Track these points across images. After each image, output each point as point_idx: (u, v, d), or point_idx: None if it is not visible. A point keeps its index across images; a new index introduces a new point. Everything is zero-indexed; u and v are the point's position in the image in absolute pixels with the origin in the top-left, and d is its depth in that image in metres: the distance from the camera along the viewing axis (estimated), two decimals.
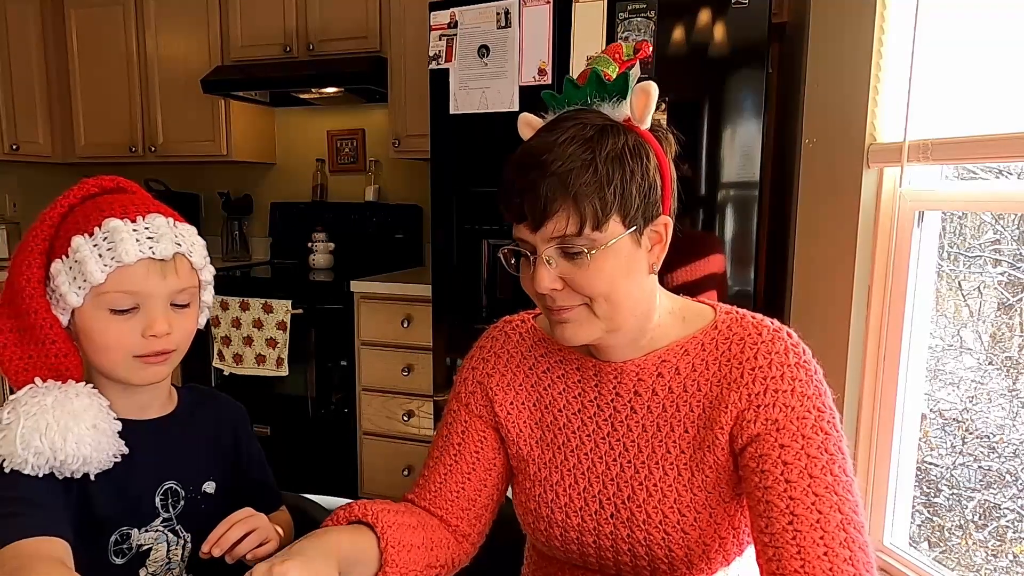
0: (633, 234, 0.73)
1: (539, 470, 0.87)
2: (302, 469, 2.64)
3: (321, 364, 2.57)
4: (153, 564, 0.85)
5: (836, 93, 1.62)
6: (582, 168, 0.69)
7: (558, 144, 0.71)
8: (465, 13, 1.96)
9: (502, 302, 2.07)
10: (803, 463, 0.72)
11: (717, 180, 1.77)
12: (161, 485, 0.86)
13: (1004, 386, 1.53)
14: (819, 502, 0.70)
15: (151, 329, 0.79)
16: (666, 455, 0.80)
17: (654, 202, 0.74)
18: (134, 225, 0.78)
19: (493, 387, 0.90)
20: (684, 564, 0.80)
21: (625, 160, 0.71)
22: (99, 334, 0.79)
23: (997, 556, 1.53)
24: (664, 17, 1.76)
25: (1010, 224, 1.51)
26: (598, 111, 0.75)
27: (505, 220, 0.76)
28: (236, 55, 2.82)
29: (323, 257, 2.91)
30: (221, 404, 0.98)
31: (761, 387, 0.75)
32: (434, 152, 2.10)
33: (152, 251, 0.78)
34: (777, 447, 0.73)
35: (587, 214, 0.70)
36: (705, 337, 0.81)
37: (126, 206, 0.79)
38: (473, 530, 0.91)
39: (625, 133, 0.73)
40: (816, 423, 0.73)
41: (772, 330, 0.79)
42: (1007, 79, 1.33)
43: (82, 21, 3.04)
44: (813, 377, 0.76)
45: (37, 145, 3.09)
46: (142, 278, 0.78)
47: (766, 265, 2.06)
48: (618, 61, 0.75)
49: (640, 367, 0.81)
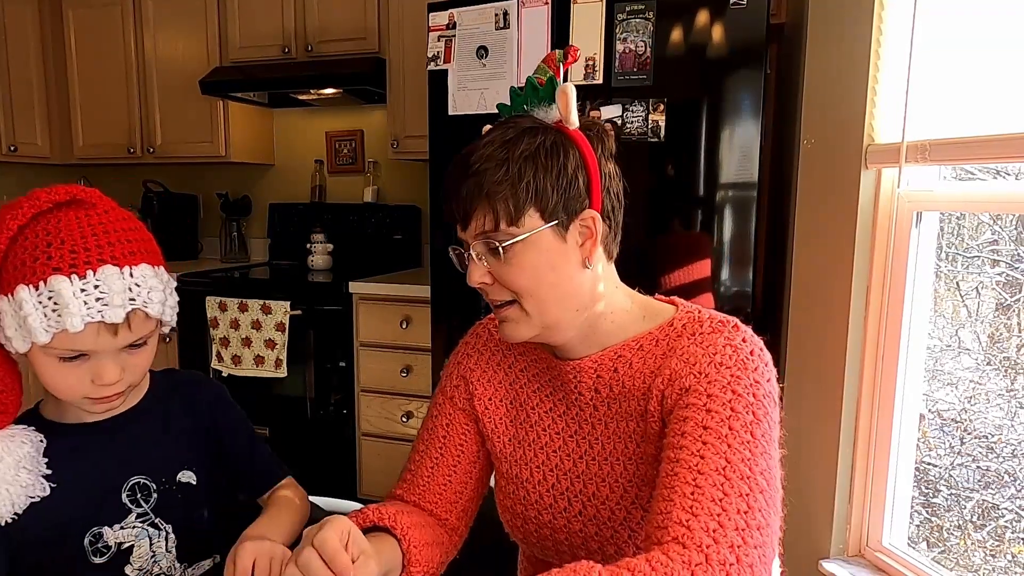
0: (555, 228, 0.75)
1: (511, 467, 0.88)
2: (301, 470, 2.61)
3: (320, 365, 2.57)
4: (138, 560, 0.84)
5: (834, 94, 1.62)
6: (496, 167, 0.73)
7: (480, 147, 0.76)
8: (464, 14, 1.96)
9: None
10: (700, 417, 0.70)
11: (715, 181, 1.77)
12: (127, 481, 0.84)
13: (1002, 386, 1.53)
14: (704, 449, 0.67)
15: (100, 379, 0.75)
16: (624, 450, 0.81)
17: (575, 196, 0.75)
18: (82, 283, 0.71)
19: (475, 382, 0.92)
20: None
21: (538, 157, 0.74)
22: (48, 377, 0.76)
23: (996, 556, 1.53)
24: (662, 18, 1.76)
25: (1008, 225, 1.51)
26: (530, 115, 0.79)
27: (444, 220, 0.80)
28: (235, 56, 2.82)
29: (322, 258, 2.91)
30: (196, 389, 0.95)
31: (680, 364, 0.75)
32: (433, 153, 2.09)
33: (101, 315, 0.71)
34: (684, 408, 0.72)
35: (500, 211, 0.74)
36: (660, 333, 0.81)
37: (76, 250, 0.71)
38: (461, 523, 0.92)
39: (546, 133, 0.76)
40: (729, 385, 0.71)
41: (718, 321, 0.79)
42: (1005, 80, 1.33)
43: (80, 22, 3.04)
44: (739, 353, 0.74)
45: (35, 146, 3.08)
46: (91, 339, 0.73)
47: (764, 266, 2.06)
48: (553, 68, 0.79)
49: (597, 363, 0.82)
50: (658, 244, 1.82)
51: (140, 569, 0.85)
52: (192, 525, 0.89)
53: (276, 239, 3.19)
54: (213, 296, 2.56)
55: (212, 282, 2.66)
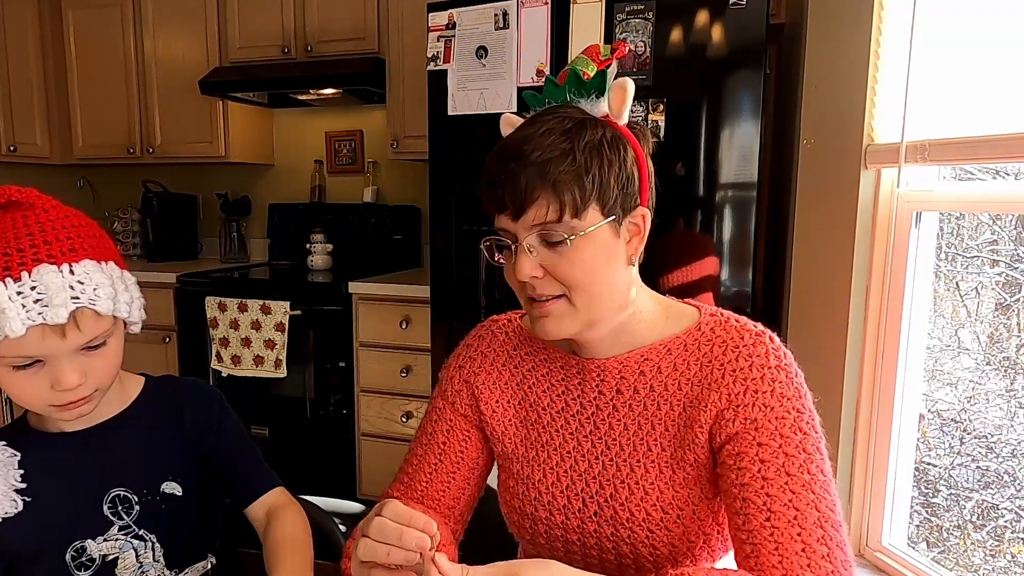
0: (612, 223, 0.74)
1: (522, 468, 0.87)
2: (301, 470, 2.64)
3: (319, 365, 2.56)
4: (124, 571, 0.82)
5: (834, 94, 1.62)
6: (561, 157, 0.71)
7: (537, 135, 0.73)
8: (463, 14, 1.96)
9: (501, 303, 2.07)
10: (780, 461, 0.72)
11: (715, 181, 1.77)
12: (107, 493, 0.82)
13: (1002, 386, 1.53)
14: (796, 499, 0.70)
15: (60, 385, 0.72)
16: (648, 453, 0.80)
17: (632, 193, 0.76)
18: (18, 286, 0.67)
19: (479, 386, 0.90)
20: (669, 562, 0.80)
21: (603, 150, 0.73)
22: (8, 388, 0.73)
23: (995, 556, 1.53)
24: (662, 18, 1.76)
25: (1007, 224, 1.51)
26: (577, 107, 0.77)
27: (486, 211, 0.77)
28: (234, 56, 2.82)
29: (321, 258, 2.91)
30: (188, 396, 0.92)
31: (741, 387, 0.76)
32: (432, 153, 2.10)
33: (43, 316, 0.68)
34: (755, 445, 0.73)
35: (566, 201, 0.71)
36: (688, 337, 0.81)
37: (9, 251, 0.68)
38: (458, 527, 0.92)
39: (602, 127, 0.75)
40: (795, 423, 0.74)
41: (755, 333, 0.80)
42: (1004, 80, 1.33)
43: (80, 22, 3.04)
44: (793, 380, 0.77)
45: (35, 147, 3.08)
46: (37, 343, 0.69)
47: (764, 266, 2.06)
48: (596, 61, 0.77)
49: (623, 364, 0.82)
50: (658, 244, 1.82)
51: None
52: (179, 534, 0.86)
53: (276, 239, 3.19)
54: (212, 296, 2.56)
55: (212, 282, 2.66)
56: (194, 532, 0.89)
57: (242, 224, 3.26)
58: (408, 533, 0.62)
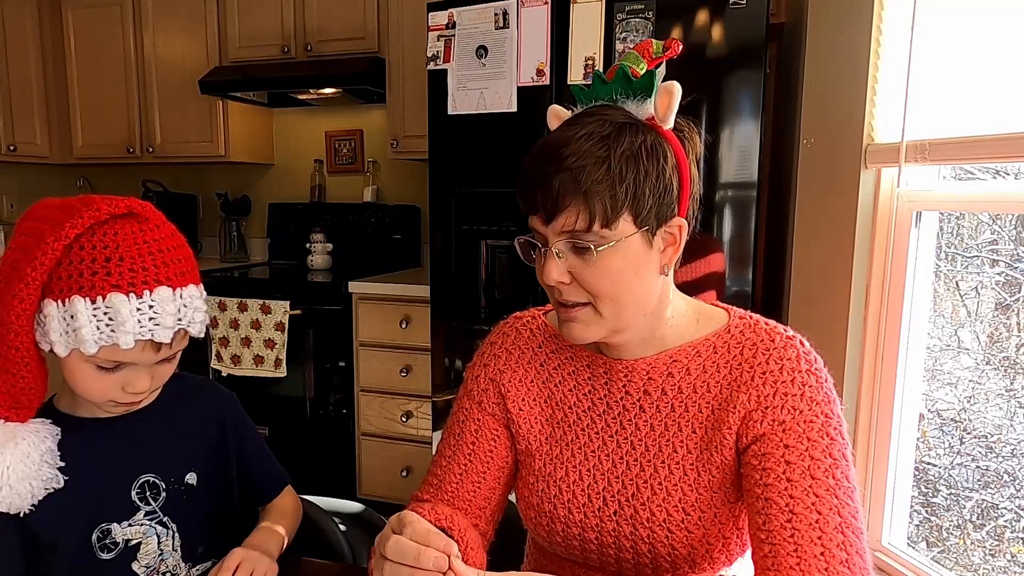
0: (644, 234, 0.73)
1: (544, 466, 0.87)
2: (300, 470, 2.63)
3: (319, 365, 2.56)
4: (145, 557, 0.85)
5: (834, 93, 1.62)
6: (595, 165, 0.70)
7: (575, 139, 0.71)
8: (463, 14, 1.96)
9: (501, 303, 2.07)
10: (806, 464, 0.72)
11: (715, 180, 1.77)
12: (137, 479, 0.86)
13: (1002, 386, 1.53)
14: (819, 503, 0.70)
15: (133, 388, 0.79)
16: (673, 454, 0.80)
17: (668, 204, 0.74)
18: (139, 302, 0.73)
19: (505, 383, 0.90)
20: (687, 563, 0.80)
21: (640, 159, 0.71)
22: (80, 382, 0.78)
23: (995, 556, 1.53)
24: (662, 17, 1.76)
25: (1007, 224, 1.51)
26: (622, 108, 0.75)
27: (521, 211, 0.76)
28: (234, 56, 2.82)
29: (321, 258, 2.91)
30: (206, 394, 0.97)
31: (771, 390, 0.76)
32: (432, 153, 2.09)
33: (152, 334, 0.75)
34: (781, 447, 0.73)
35: (596, 211, 0.70)
36: (717, 340, 0.81)
37: (135, 268, 0.74)
38: (489, 527, 0.91)
39: (644, 132, 0.73)
40: (823, 428, 0.74)
41: (785, 337, 0.80)
42: (1004, 79, 1.33)
43: (79, 21, 3.04)
44: (823, 384, 0.76)
45: (35, 146, 3.08)
46: (136, 354, 0.76)
47: (764, 265, 2.06)
48: (647, 58, 0.75)
49: (651, 366, 0.82)
50: None
51: (147, 567, 0.85)
52: (195, 527, 0.89)
53: (276, 239, 3.19)
54: (212, 296, 2.56)
55: (211, 282, 2.65)
56: (207, 528, 0.91)
57: (242, 224, 3.26)
58: (425, 553, 0.62)
